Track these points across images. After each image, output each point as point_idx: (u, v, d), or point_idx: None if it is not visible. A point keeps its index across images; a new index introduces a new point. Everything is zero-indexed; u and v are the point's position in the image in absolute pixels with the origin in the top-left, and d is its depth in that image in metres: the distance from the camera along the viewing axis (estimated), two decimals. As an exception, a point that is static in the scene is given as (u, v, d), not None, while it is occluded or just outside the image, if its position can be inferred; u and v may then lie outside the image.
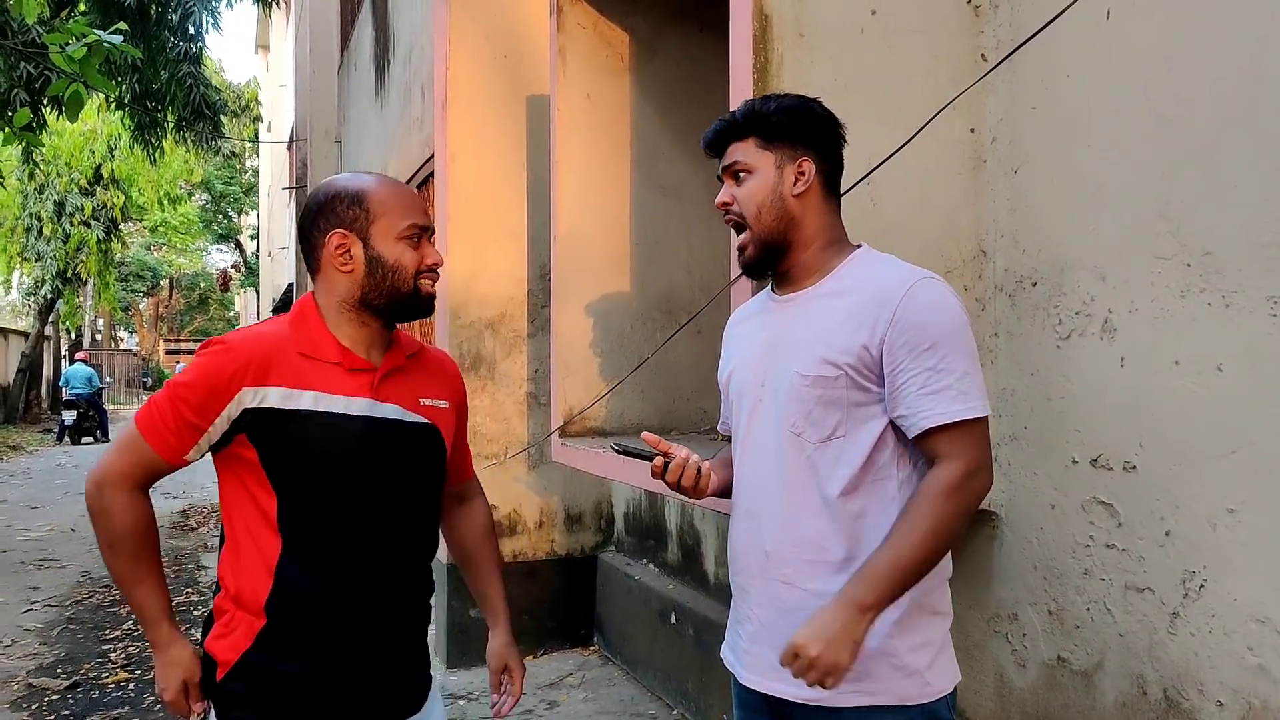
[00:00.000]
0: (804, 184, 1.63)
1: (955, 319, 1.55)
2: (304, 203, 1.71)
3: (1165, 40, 1.89)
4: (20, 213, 20.23)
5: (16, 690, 4.55)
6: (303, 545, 1.60)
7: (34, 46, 6.85)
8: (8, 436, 18.10)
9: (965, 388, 1.51)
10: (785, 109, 1.64)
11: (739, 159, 1.65)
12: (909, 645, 1.57)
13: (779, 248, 1.65)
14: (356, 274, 1.64)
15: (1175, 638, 1.88)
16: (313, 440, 1.59)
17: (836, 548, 1.57)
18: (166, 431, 1.58)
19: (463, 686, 4.40)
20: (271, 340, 1.62)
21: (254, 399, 1.57)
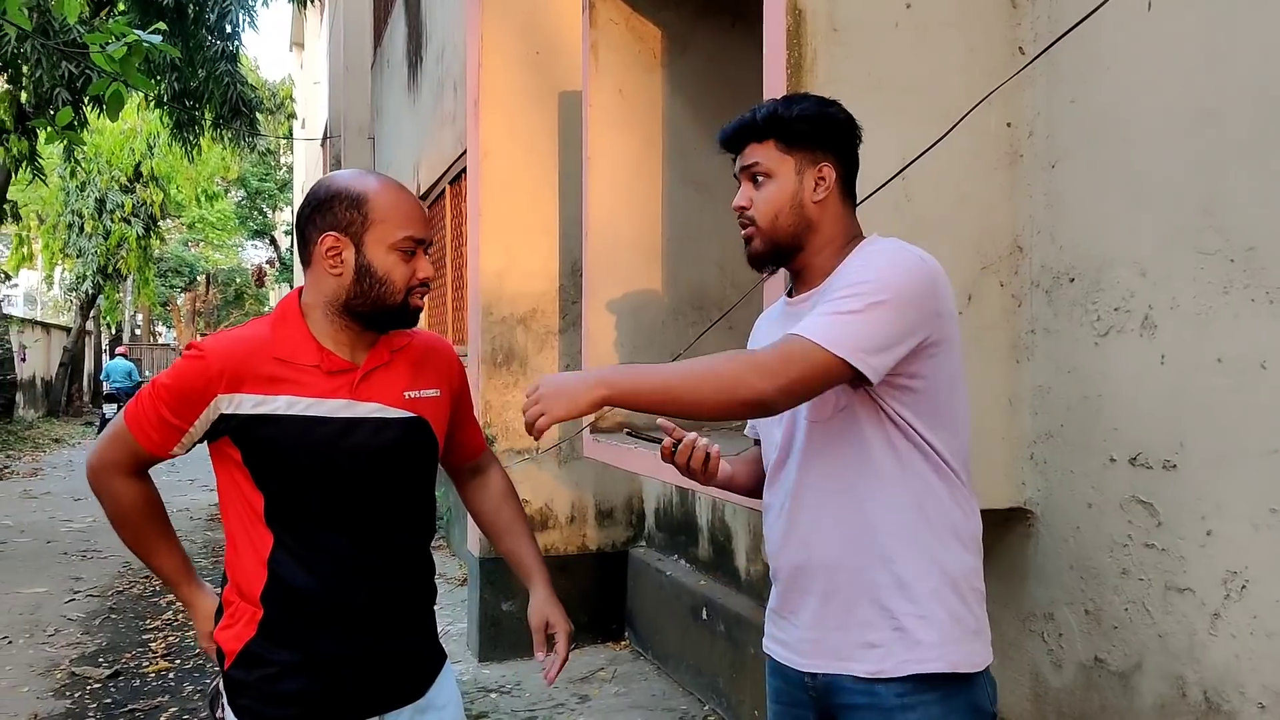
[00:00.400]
0: (824, 190, 1.62)
1: (891, 265, 1.50)
2: (307, 196, 1.69)
3: (1208, 33, 1.86)
4: (62, 209, 20.59)
5: (60, 678, 4.64)
6: (291, 539, 1.64)
7: (75, 46, 6.95)
8: (50, 429, 18.45)
9: (833, 321, 1.44)
10: (807, 115, 1.62)
11: (759, 162, 1.63)
12: (952, 610, 1.55)
13: (790, 250, 1.64)
14: (344, 279, 1.63)
15: (1216, 639, 1.85)
16: (286, 443, 1.62)
17: (864, 524, 1.57)
18: (150, 428, 1.64)
19: (494, 680, 4.43)
20: (248, 346, 1.63)
21: (229, 405, 1.61)
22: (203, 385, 1.60)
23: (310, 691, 1.65)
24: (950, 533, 1.58)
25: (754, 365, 1.43)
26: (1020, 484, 2.30)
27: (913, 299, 1.48)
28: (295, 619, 1.65)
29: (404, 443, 1.71)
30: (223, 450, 1.65)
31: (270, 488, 1.63)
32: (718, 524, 4.29)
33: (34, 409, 20.87)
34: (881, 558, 1.56)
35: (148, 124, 18.15)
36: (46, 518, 9.12)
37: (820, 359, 1.42)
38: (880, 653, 1.56)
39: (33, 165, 10.55)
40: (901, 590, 1.55)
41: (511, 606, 4.72)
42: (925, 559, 1.56)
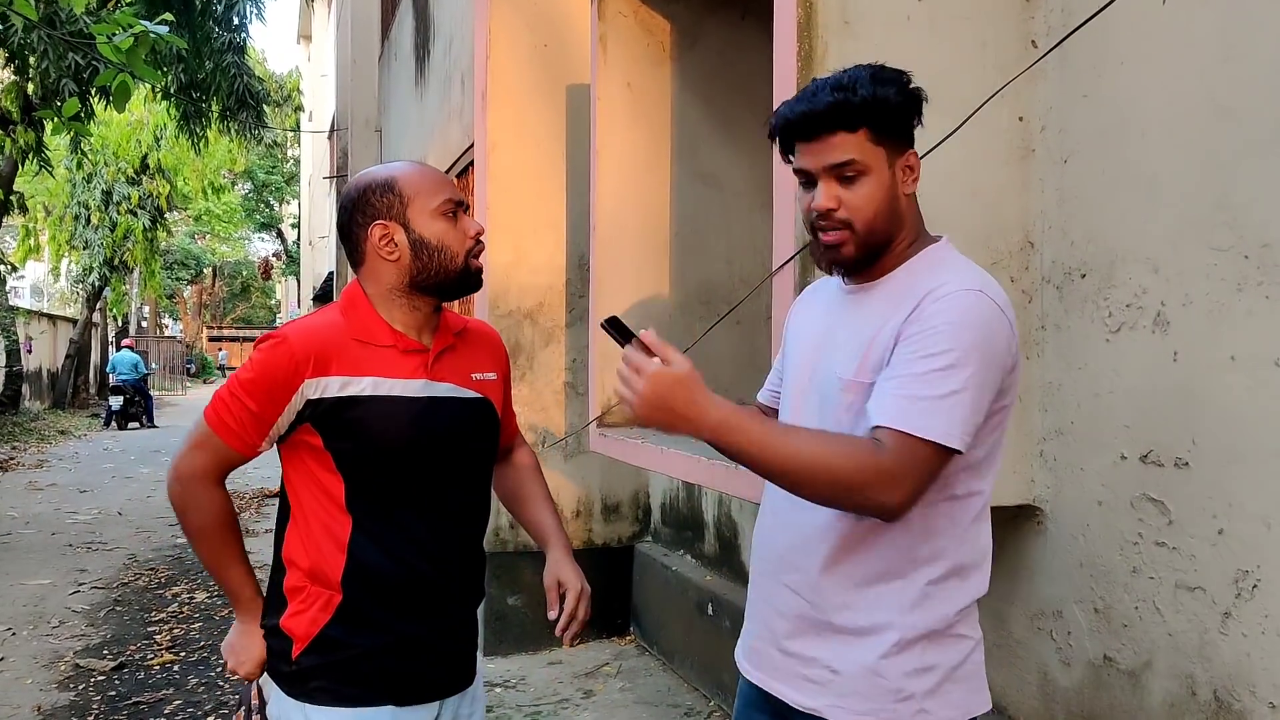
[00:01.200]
0: (913, 181, 1.47)
1: (978, 338, 1.37)
2: (339, 203, 1.74)
3: (1224, 27, 1.84)
4: (69, 201, 20.64)
5: (64, 670, 4.64)
6: (372, 523, 1.64)
7: (82, 37, 6.95)
8: (57, 421, 18.48)
9: (939, 407, 1.33)
10: (901, 94, 1.44)
11: (854, 157, 1.42)
12: (906, 668, 1.45)
13: (880, 252, 1.49)
14: (403, 260, 1.66)
15: (1227, 638, 1.84)
16: (374, 424, 1.62)
17: (846, 564, 1.48)
18: (238, 426, 1.62)
19: (499, 674, 4.42)
20: (327, 330, 1.65)
21: (316, 390, 1.61)
22: (290, 371, 1.59)
23: (391, 671, 1.66)
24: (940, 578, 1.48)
25: (879, 472, 1.32)
26: (1030, 481, 2.29)
27: (995, 362, 1.40)
28: (376, 601, 1.65)
29: (478, 422, 1.76)
30: (298, 440, 1.65)
31: (352, 471, 1.63)
32: (724, 519, 4.28)
33: (40, 401, 20.92)
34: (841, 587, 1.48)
35: (155, 116, 18.18)
36: (52, 509, 9.14)
37: (936, 456, 1.35)
38: (815, 689, 1.50)
39: (39, 157, 10.56)
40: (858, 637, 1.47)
41: (517, 601, 4.72)
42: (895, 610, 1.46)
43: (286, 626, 1.66)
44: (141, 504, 9.32)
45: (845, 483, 1.33)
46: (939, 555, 1.47)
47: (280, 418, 1.62)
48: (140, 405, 18.59)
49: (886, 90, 1.42)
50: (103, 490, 10.30)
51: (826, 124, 1.43)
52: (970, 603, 1.51)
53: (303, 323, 1.68)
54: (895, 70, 1.48)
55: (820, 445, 1.35)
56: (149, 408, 18.88)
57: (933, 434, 1.33)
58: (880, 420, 1.35)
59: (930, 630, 1.46)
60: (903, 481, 1.33)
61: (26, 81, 9.70)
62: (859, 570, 1.48)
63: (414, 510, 1.67)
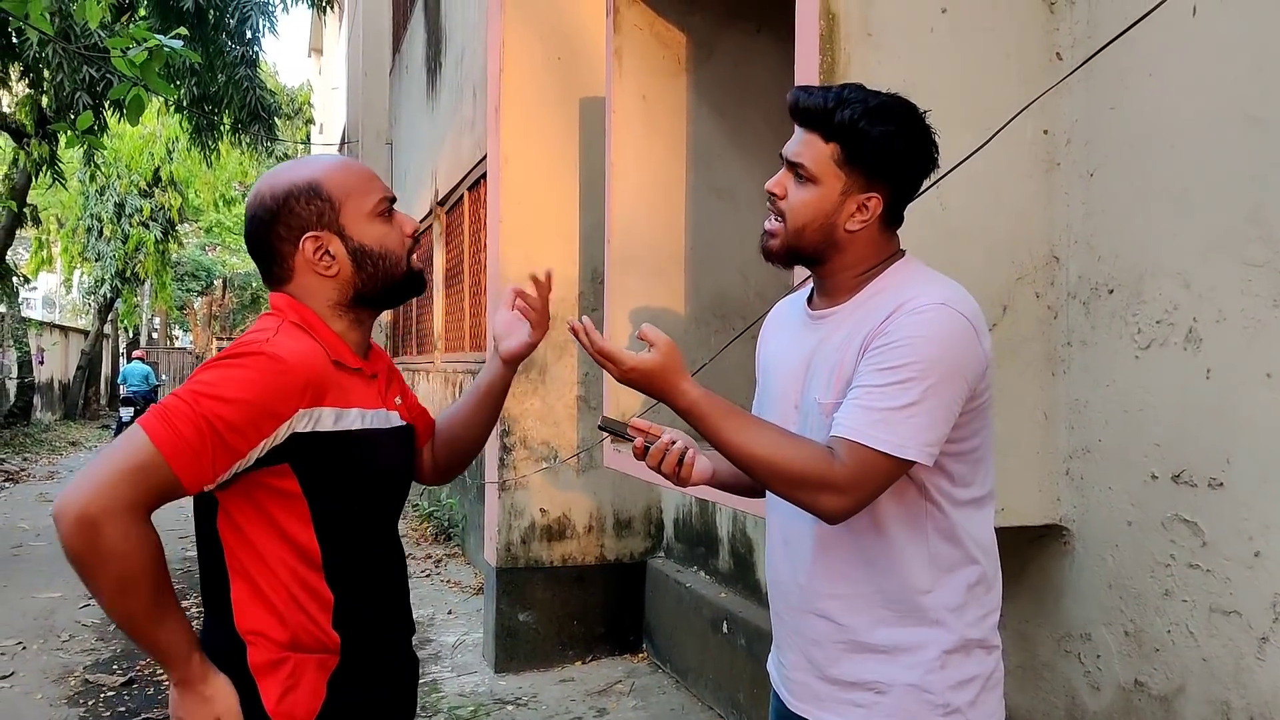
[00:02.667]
0: (861, 222, 1.48)
1: (941, 352, 1.38)
2: (249, 214, 1.49)
3: (1255, 38, 1.80)
4: (82, 213, 20.74)
5: (74, 685, 4.62)
6: (352, 570, 1.45)
7: (96, 51, 6.97)
8: (67, 432, 18.53)
9: (894, 419, 1.36)
10: (890, 137, 1.44)
11: (806, 162, 1.47)
12: (951, 680, 1.47)
13: (808, 260, 1.54)
14: (344, 273, 1.47)
15: (1264, 664, 1.79)
16: (364, 461, 1.45)
17: (868, 582, 1.50)
18: (198, 454, 1.29)
19: (511, 691, 4.38)
20: (317, 353, 1.41)
21: (306, 422, 1.37)
22: (287, 396, 1.34)
23: (392, 705, 1.55)
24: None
25: (827, 478, 1.37)
26: (1055, 500, 2.24)
27: (960, 370, 1.41)
28: (369, 650, 1.48)
29: (411, 450, 1.65)
30: (261, 483, 1.37)
31: (331, 515, 1.41)
32: (739, 535, 4.23)
33: (51, 412, 20.98)
34: (872, 604, 1.50)
35: (167, 129, 18.26)
36: (63, 521, 9.13)
37: (888, 467, 1.38)
38: (862, 713, 1.49)
39: (53, 169, 10.60)
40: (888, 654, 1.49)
41: (528, 618, 4.68)
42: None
43: (282, 713, 1.38)
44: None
45: (795, 482, 1.39)
46: (964, 564, 1.50)
47: (253, 450, 1.33)
48: (151, 417, 18.60)
49: (875, 125, 1.43)
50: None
51: (809, 120, 1.47)
52: (997, 609, 1.55)
53: (288, 342, 1.39)
54: (911, 116, 1.49)
55: (778, 443, 1.41)
56: (159, 419, 18.88)
57: (885, 445, 1.36)
58: (837, 430, 1.40)
59: (967, 640, 1.49)
60: (849, 490, 1.38)
61: (41, 95, 9.76)
62: (889, 588, 1.49)
63: (384, 549, 1.54)
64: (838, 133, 1.44)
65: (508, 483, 4.70)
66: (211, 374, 1.34)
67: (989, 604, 1.53)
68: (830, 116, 1.44)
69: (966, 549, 1.50)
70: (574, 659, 4.74)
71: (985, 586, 1.52)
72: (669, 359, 1.42)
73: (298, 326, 1.44)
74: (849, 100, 1.45)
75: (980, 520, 1.52)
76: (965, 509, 1.50)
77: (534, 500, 4.74)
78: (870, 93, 1.47)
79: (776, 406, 1.62)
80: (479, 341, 6.87)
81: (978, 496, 1.52)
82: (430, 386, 8.54)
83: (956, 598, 1.49)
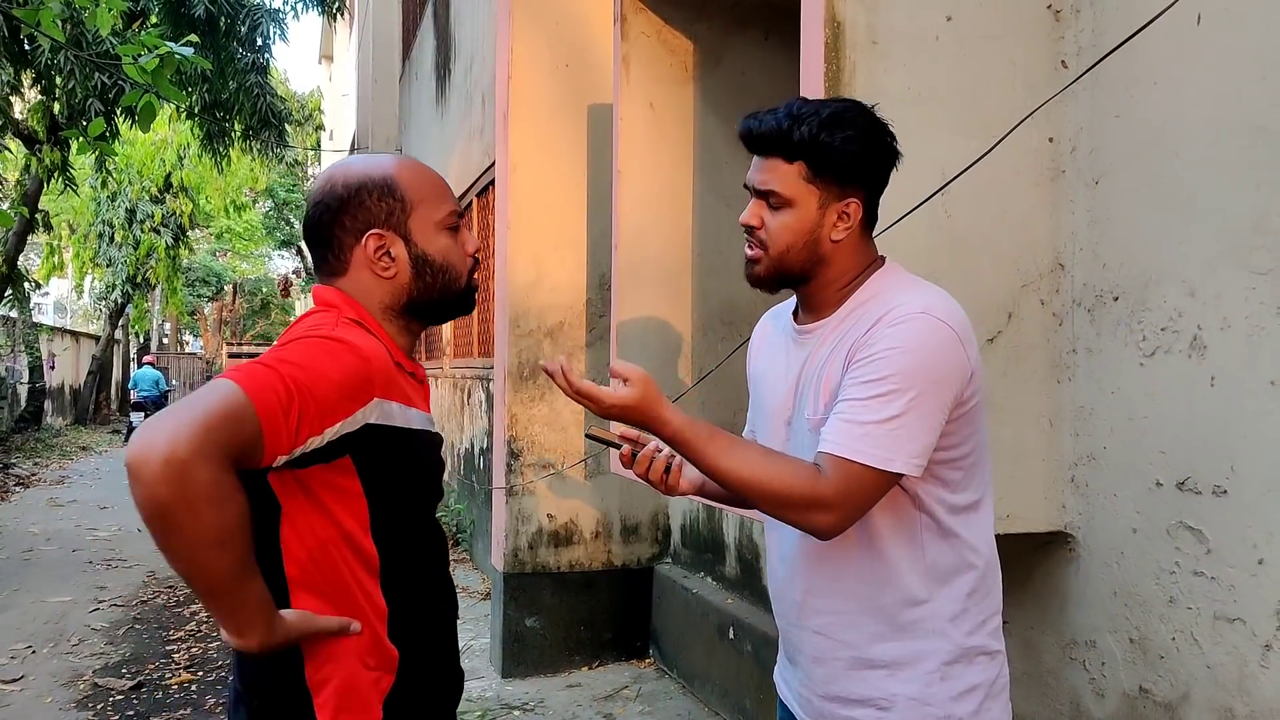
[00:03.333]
0: (845, 229, 1.47)
1: (922, 362, 1.38)
2: (315, 198, 1.44)
3: (1260, 46, 1.81)
4: (93, 219, 20.83)
5: (82, 689, 4.64)
6: (405, 578, 1.38)
7: (108, 58, 7.02)
8: (78, 437, 18.61)
9: (878, 433, 1.35)
10: (851, 149, 1.44)
11: (777, 189, 1.46)
12: (953, 691, 1.46)
13: (796, 279, 1.53)
14: (401, 278, 1.42)
15: (1268, 671, 1.79)
16: (423, 462, 1.42)
17: (865, 597, 1.49)
18: (286, 415, 1.17)
19: (518, 697, 4.39)
20: (381, 348, 1.36)
21: (378, 414, 1.30)
22: (366, 384, 1.28)
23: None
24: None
25: (815, 496, 1.37)
26: (1061, 507, 2.24)
27: (944, 379, 1.40)
28: (424, 669, 1.40)
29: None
30: (324, 482, 1.29)
31: (388, 518, 1.35)
32: (745, 541, 4.24)
33: (62, 417, 21.07)
34: (869, 618, 1.49)
35: (178, 135, 18.33)
36: (72, 526, 9.17)
37: (875, 480, 1.38)
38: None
39: (65, 175, 10.66)
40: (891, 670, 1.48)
41: (536, 623, 4.68)
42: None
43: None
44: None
45: (783, 502, 1.39)
46: (961, 571, 1.49)
47: (327, 432, 1.23)
48: (161, 422, 18.67)
49: (835, 135, 1.42)
50: (123, 507, 10.33)
51: (767, 147, 1.47)
52: (997, 613, 1.53)
53: (350, 333, 1.33)
54: (865, 116, 1.48)
55: (764, 465, 1.41)
56: (169, 424, 18.95)
57: (870, 459, 1.36)
58: (823, 446, 1.39)
59: (967, 649, 1.48)
60: (837, 506, 1.37)
61: (53, 101, 9.81)
62: (885, 602, 1.48)
63: (433, 555, 1.48)
64: (799, 151, 1.44)
65: (515, 488, 4.71)
66: (288, 351, 1.25)
67: (988, 609, 1.52)
68: (788, 137, 1.44)
69: (963, 555, 1.48)
70: (581, 664, 4.74)
71: (984, 592, 1.51)
72: (645, 392, 1.41)
73: (355, 323, 1.38)
74: (803, 116, 1.44)
75: (977, 525, 1.51)
76: (961, 515, 1.49)
77: (541, 506, 4.75)
78: (820, 103, 1.48)
79: (769, 423, 1.62)
80: (487, 347, 6.89)
81: (973, 501, 1.51)
82: (439, 392, 8.57)
83: (955, 605, 1.47)
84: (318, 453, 1.24)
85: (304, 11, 9.95)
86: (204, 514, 1.10)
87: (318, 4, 9.89)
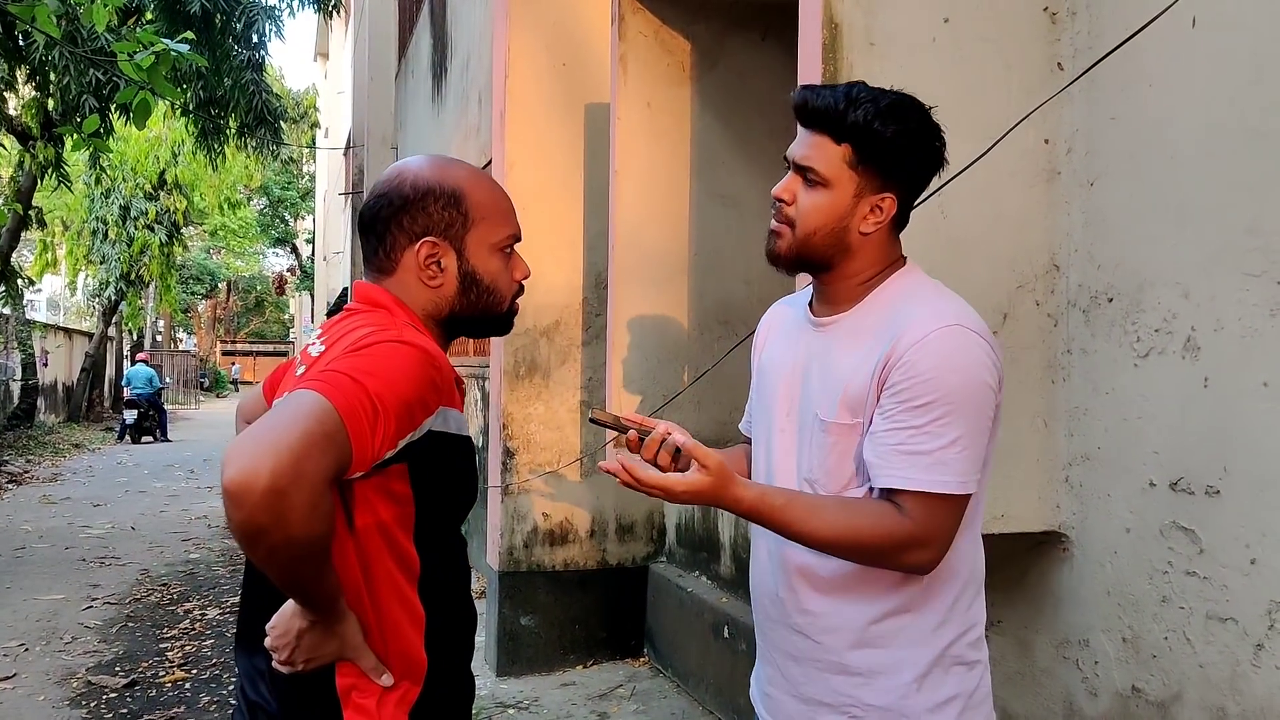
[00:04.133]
0: (876, 223, 1.44)
1: (967, 379, 1.36)
2: (380, 190, 1.43)
3: (1254, 50, 1.82)
4: (87, 216, 20.79)
5: (76, 687, 4.63)
6: (440, 585, 1.37)
7: (103, 54, 7.01)
8: (71, 434, 18.56)
9: (946, 458, 1.34)
10: (903, 136, 1.40)
11: (818, 166, 1.42)
12: (929, 704, 1.43)
13: (816, 265, 1.49)
14: (446, 290, 1.41)
15: (1259, 671, 1.80)
16: (468, 467, 1.40)
17: (847, 601, 1.46)
18: (372, 429, 1.17)
19: (512, 695, 4.39)
20: (442, 351, 1.36)
21: (440, 421, 1.30)
22: (436, 391, 1.28)
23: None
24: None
25: (907, 537, 1.35)
26: (1055, 506, 2.26)
27: (986, 396, 1.39)
28: (448, 679, 1.39)
29: None
30: (380, 486, 1.28)
31: (431, 526, 1.34)
32: (740, 541, 4.25)
33: (55, 414, 21.02)
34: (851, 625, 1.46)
35: (173, 132, 18.32)
36: (65, 523, 9.15)
37: (956, 506, 1.38)
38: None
39: (59, 172, 10.64)
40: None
41: (530, 621, 4.69)
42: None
43: None
44: (155, 518, 9.32)
45: (877, 550, 1.37)
46: (947, 580, 1.45)
47: (400, 443, 1.23)
48: (154, 419, 18.66)
49: (888, 125, 1.39)
50: (116, 504, 10.31)
51: (818, 121, 1.42)
52: (979, 623, 1.50)
53: (415, 335, 1.33)
54: (921, 115, 1.44)
55: (848, 518, 1.37)
56: (163, 422, 18.95)
57: (948, 487, 1.35)
58: (895, 483, 1.36)
59: (945, 659, 1.45)
60: (931, 541, 1.36)
61: (47, 98, 9.80)
62: (868, 609, 1.45)
63: (462, 562, 1.46)
64: (850, 134, 1.40)
65: (510, 487, 4.72)
66: (363, 360, 1.23)
67: (971, 619, 1.48)
68: (843, 118, 1.40)
69: (950, 564, 1.44)
70: (576, 663, 4.75)
71: (967, 602, 1.48)
72: (719, 476, 1.37)
73: (412, 327, 1.37)
74: (860, 100, 1.40)
75: (968, 532, 1.47)
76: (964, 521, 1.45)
77: (536, 505, 4.75)
78: (880, 91, 1.43)
79: (771, 411, 1.58)
80: (483, 345, 6.89)
81: (975, 503, 1.48)
82: (433, 390, 8.57)
83: (937, 616, 1.45)
84: (383, 461, 1.24)
85: (300, 9, 9.93)
86: (299, 535, 1.11)
87: (314, 1, 9.87)
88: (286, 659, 1.29)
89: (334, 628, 1.28)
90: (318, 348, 1.36)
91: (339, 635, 1.28)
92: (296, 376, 1.36)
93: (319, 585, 1.22)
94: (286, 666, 1.29)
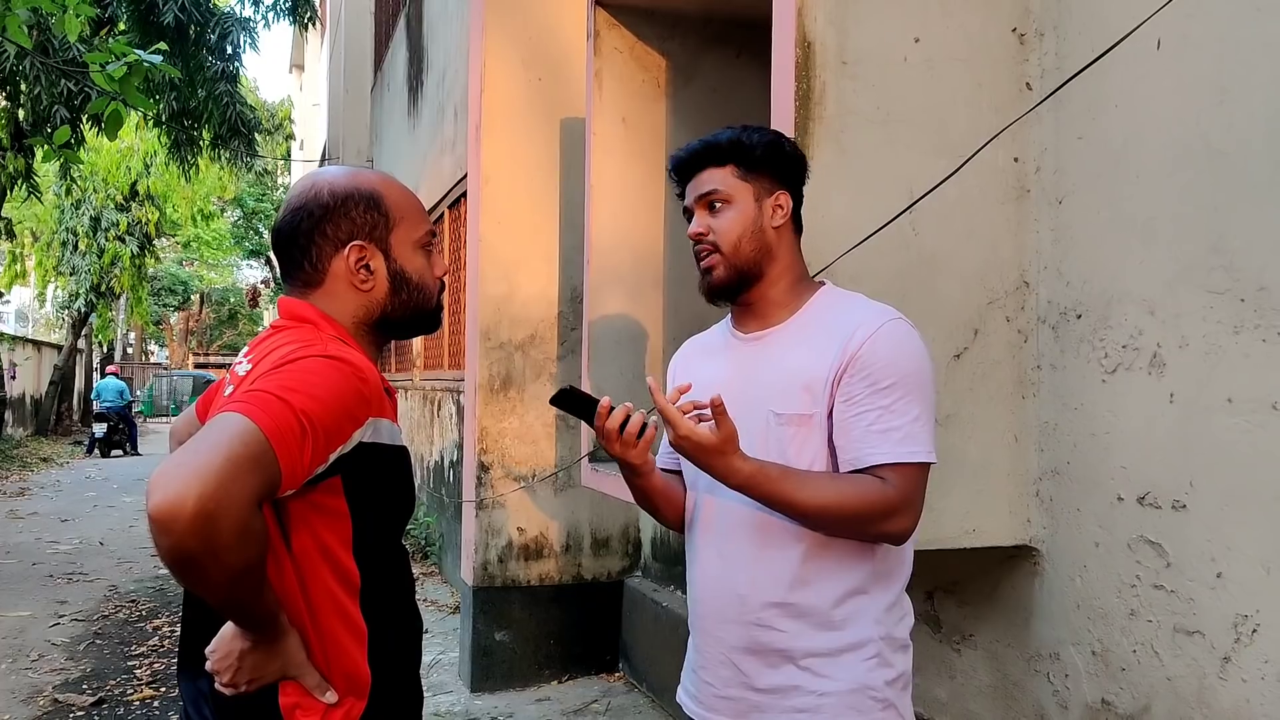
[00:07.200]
0: (782, 217, 1.63)
1: (919, 362, 1.56)
2: (296, 203, 1.42)
3: (1218, 71, 1.86)
4: (57, 227, 20.57)
5: (43, 705, 4.56)
6: (382, 598, 1.36)
7: (75, 65, 6.96)
8: (39, 448, 18.32)
9: (914, 431, 1.51)
10: (769, 143, 1.63)
11: (718, 188, 1.62)
12: (888, 677, 1.57)
13: (751, 277, 1.62)
14: (377, 292, 1.42)
15: (1226, 683, 1.82)
16: (403, 478, 1.40)
17: (813, 591, 1.56)
18: (301, 448, 1.17)
19: (486, 711, 4.37)
20: (371, 363, 1.36)
21: (370, 431, 1.29)
22: (363, 403, 1.27)
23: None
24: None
25: (890, 504, 1.49)
26: (1025, 521, 2.27)
27: (931, 377, 1.59)
28: (394, 693, 1.38)
29: None
30: (313, 503, 1.28)
31: (369, 539, 1.33)
32: (714, 555, 4.25)
33: (23, 427, 20.73)
34: (815, 613, 1.58)
35: (145, 143, 18.16)
36: (33, 539, 9.02)
37: (924, 474, 1.54)
38: (805, 717, 1.55)
39: (28, 183, 10.54)
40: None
41: (505, 636, 4.66)
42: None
43: None
44: (123, 534, 9.21)
45: (865, 518, 1.50)
46: (900, 567, 1.62)
47: (330, 457, 1.23)
48: (124, 433, 18.46)
49: (751, 136, 1.62)
50: (84, 519, 10.18)
51: (697, 163, 1.65)
52: (911, 609, 1.67)
53: (348, 351, 1.33)
54: (775, 131, 1.70)
55: (838, 490, 1.51)
56: (133, 435, 18.76)
57: (919, 456, 1.52)
58: (878, 459, 1.51)
59: (893, 637, 1.59)
60: (909, 508, 1.52)
61: (18, 108, 9.70)
62: (830, 592, 1.56)
63: (404, 574, 1.45)
64: (729, 154, 1.61)
65: (485, 502, 4.70)
66: (287, 376, 1.22)
67: (908, 604, 1.65)
68: (717, 146, 1.62)
69: (903, 552, 1.62)
70: (550, 678, 4.73)
71: (903, 586, 1.64)
72: (727, 442, 1.47)
73: (339, 340, 1.36)
74: (722, 133, 1.63)
75: None
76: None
77: (511, 519, 4.74)
78: (736, 127, 1.66)
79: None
80: (458, 359, 6.87)
81: None
82: (409, 404, 8.53)
83: (889, 597, 1.60)
84: (314, 477, 1.23)
85: (275, 21, 9.90)
86: (229, 559, 1.10)
87: (289, 14, 9.84)
88: (230, 681, 1.28)
89: (275, 646, 1.27)
90: (244, 366, 1.36)
91: (281, 654, 1.27)
92: (224, 397, 1.35)
93: (256, 606, 1.21)
94: (230, 689, 1.28)
